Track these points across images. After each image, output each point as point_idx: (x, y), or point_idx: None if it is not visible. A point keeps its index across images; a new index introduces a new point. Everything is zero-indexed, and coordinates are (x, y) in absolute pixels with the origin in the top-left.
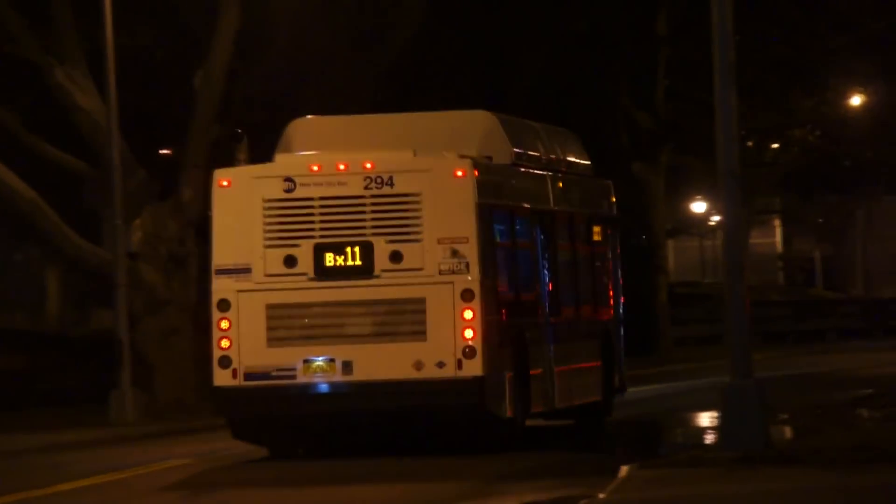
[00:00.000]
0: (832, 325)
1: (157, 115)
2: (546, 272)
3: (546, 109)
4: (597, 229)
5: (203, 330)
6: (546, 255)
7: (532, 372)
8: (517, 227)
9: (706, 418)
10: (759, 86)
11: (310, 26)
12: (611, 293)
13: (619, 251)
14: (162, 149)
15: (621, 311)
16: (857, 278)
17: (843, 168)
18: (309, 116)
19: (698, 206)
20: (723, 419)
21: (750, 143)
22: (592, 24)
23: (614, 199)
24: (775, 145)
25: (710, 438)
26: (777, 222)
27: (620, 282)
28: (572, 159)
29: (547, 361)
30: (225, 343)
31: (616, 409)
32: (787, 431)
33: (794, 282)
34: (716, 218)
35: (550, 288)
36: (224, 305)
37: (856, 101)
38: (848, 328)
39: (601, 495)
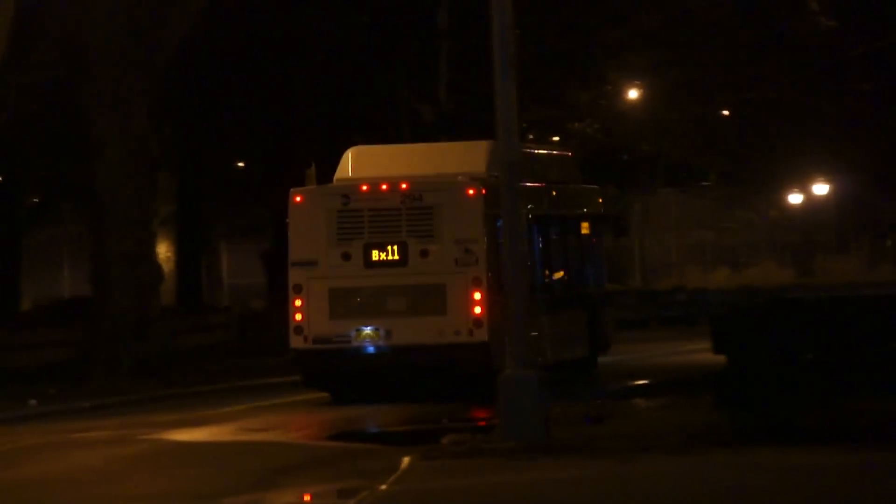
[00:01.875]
0: (613, 317)
1: None
2: (540, 260)
3: (329, 102)
4: (585, 225)
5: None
6: (541, 248)
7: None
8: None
9: (489, 409)
10: (539, 79)
11: (85, 17)
12: (596, 274)
13: (603, 241)
14: None
15: (605, 287)
16: (634, 270)
17: (620, 161)
18: (360, 146)
19: None
20: (502, 410)
21: (531, 136)
22: (374, 17)
23: (601, 200)
24: (555, 138)
25: (491, 429)
26: None
27: (605, 265)
28: (564, 173)
29: (540, 329)
30: (299, 316)
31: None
32: (566, 421)
33: None
34: None
35: (544, 272)
36: (298, 289)
37: (633, 94)
38: (626, 319)
39: (382, 487)
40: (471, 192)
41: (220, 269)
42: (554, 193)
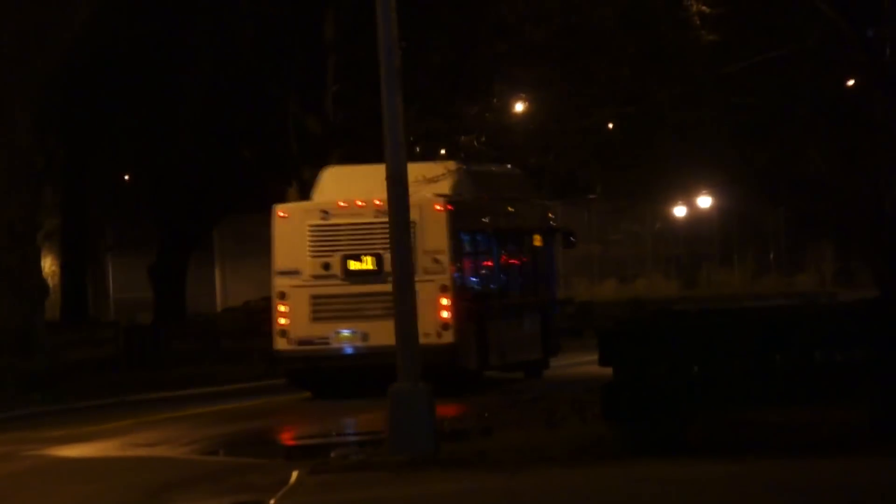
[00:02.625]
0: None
1: None
2: (499, 270)
3: (216, 114)
4: (537, 237)
5: None
6: (500, 258)
7: (489, 339)
8: (478, 240)
9: (377, 422)
10: (427, 91)
11: None
12: (548, 283)
13: (554, 252)
14: None
15: (556, 295)
16: None
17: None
18: (334, 167)
19: None
20: (391, 423)
21: (418, 149)
22: (261, 29)
23: (551, 215)
24: (443, 151)
25: (380, 442)
26: None
27: (556, 275)
28: (519, 190)
29: (499, 332)
30: (283, 321)
31: (289, 415)
32: (455, 434)
33: None
34: None
35: (503, 281)
36: (282, 295)
37: (519, 107)
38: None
39: (270, 502)
40: (438, 208)
41: (106, 283)
42: (510, 209)
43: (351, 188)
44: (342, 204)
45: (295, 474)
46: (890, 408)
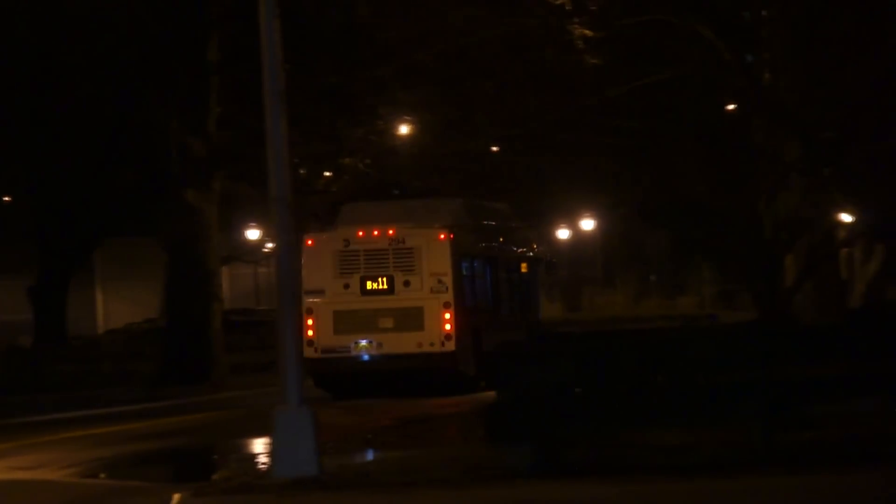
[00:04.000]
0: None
1: None
2: (493, 290)
3: (97, 134)
4: (524, 264)
5: None
6: (493, 280)
7: (485, 348)
8: (475, 264)
9: (261, 445)
10: (310, 114)
11: None
12: (532, 303)
13: (538, 276)
14: None
15: (540, 313)
16: None
17: (392, 196)
18: (354, 203)
19: (252, 234)
20: (275, 445)
21: (303, 171)
22: (143, 49)
23: (535, 245)
24: (328, 173)
25: (263, 464)
26: None
27: (539, 294)
28: (509, 221)
29: (494, 343)
30: (310, 332)
31: (171, 438)
32: (339, 456)
33: None
34: (270, 245)
35: (496, 300)
36: (309, 311)
37: (403, 130)
38: None
39: None
40: (442, 236)
41: None
42: (501, 238)
43: (368, 220)
44: (361, 234)
45: (176, 497)
46: (770, 428)
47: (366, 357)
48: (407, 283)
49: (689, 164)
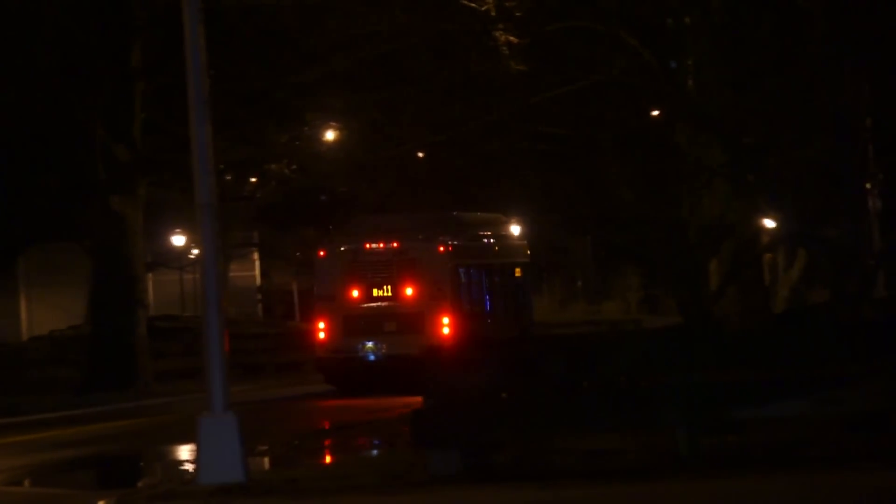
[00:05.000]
0: (309, 357)
1: None
2: (488, 295)
3: (20, 140)
4: (518, 270)
5: None
6: (489, 287)
7: None
8: (472, 272)
9: (186, 451)
10: (236, 120)
11: None
12: (526, 306)
13: (529, 281)
14: None
15: (532, 315)
16: None
17: (319, 202)
18: (363, 216)
19: (178, 240)
20: (200, 452)
21: (228, 177)
22: (66, 54)
23: (529, 252)
24: (253, 179)
25: (189, 471)
26: (256, 255)
27: (531, 298)
28: (503, 232)
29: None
30: (322, 335)
31: (96, 444)
32: (265, 462)
33: (273, 314)
34: (195, 251)
35: (491, 304)
36: (321, 316)
37: (329, 135)
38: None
39: None
40: (441, 248)
41: None
42: (496, 248)
43: (374, 232)
44: (367, 246)
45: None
46: (694, 433)
47: (371, 357)
48: (409, 291)
49: (614, 169)
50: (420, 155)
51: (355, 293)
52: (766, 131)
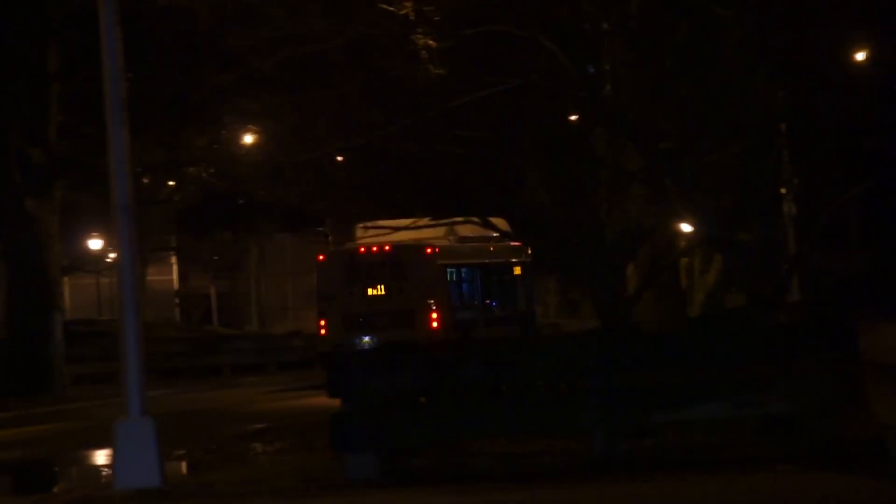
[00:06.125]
0: (228, 361)
1: None
2: (482, 293)
3: None
4: (517, 268)
5: None
6: (483, 284)
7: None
8: (463, 272)
9: (103, 456)
10: (153, 123)
11: None
12: (525, 300)
13: (530, 279)
14: None
15: (534, 308)
16: (252, 315)
17: (237, 206)
18: (366, 223)
19: (95, 243)
20: (117, 457)
21: (146, 180)
22: None
23: (529, 251)
24: (171, 182)
25: (106, 476)
26: (174, 259)
27: (534, 294)
28: (496, 234)
29: (486, 336)
30: (323, 331)
31: (11, 449)
32: (183, 467)
33: (191, 318)
34: (113, 254)
35: (485, 300)
36: (323, 313)
37: (248, 139)
38: (243, 364)
39: None
40: (428, 251)
41: None
42: (491, 248)
43: (377, 236)
44: (363, 250)
45: None
46: (611, 436)
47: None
48: (401, 290)
49: (533, 174)
50: (339, 159)
51: (353, 293)
52: (682, 136)
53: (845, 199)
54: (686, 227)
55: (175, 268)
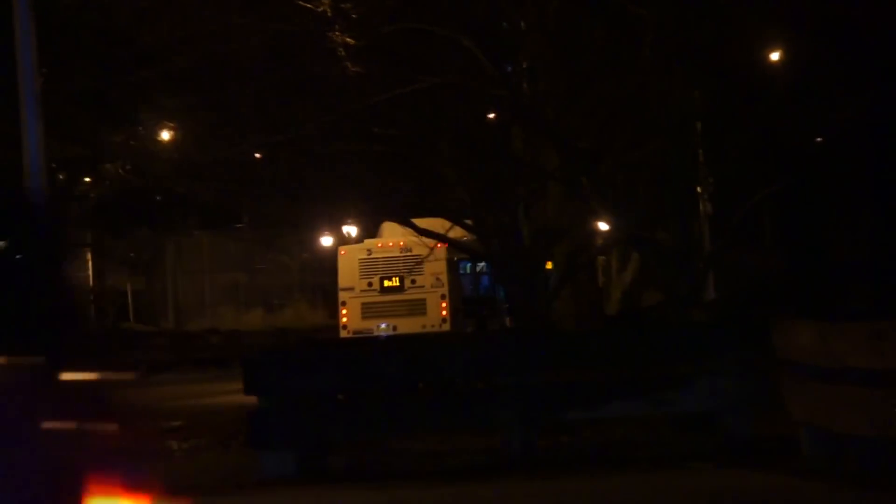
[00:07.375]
0: (143, 358)
1: None
2: (490, 285)
3: None
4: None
5: None
6: (490, 277)
7: (488, 329)
8: (478, 266)
9: None
10: (70, 118)
11: None
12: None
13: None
14: None
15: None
16: (168, 311)
17: (154, 202)
18: (388, 222)
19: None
20: None
21: (61, 176)
22: None
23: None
24: (87, 178)
25: None
26: (89, 255)
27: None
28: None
29: (493, 325)
30: (344, 319)
31: None
32: None
33: (106, 315)
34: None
35: (493, 292)
36: (343, 303)
37: (165, 135)
38: (158, 361)
39: None
40: (439, 245)
41: None
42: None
43: (391, 235)
44: (380, 245)
45: None
46: (527, 434)
47: (384, 336)
48: (414, 282)
49: (451, 172)
50: (258, 156)
51: (370, 284)
52: (599, 135)
53: (760, 198)
54: (603, 226)
55: (90, 264)
